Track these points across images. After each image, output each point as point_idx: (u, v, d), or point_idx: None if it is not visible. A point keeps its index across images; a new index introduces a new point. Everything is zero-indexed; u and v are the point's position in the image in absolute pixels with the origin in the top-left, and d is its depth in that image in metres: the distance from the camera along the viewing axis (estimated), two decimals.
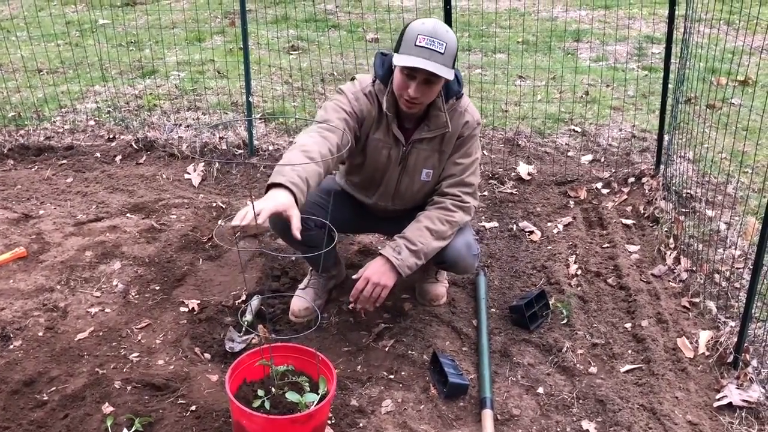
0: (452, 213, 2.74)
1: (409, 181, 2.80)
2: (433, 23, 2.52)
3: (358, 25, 6.98)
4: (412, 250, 2.65)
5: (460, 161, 2.76)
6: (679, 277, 3.29)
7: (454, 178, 2.77)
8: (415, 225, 2.71)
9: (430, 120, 2.69)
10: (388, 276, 2.65)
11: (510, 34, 6.67)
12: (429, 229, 2.69)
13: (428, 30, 2.49)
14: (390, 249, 2.67)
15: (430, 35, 2.47)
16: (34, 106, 5.12)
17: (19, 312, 3.00)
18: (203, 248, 3.53)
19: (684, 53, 3.71)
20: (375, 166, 2.78)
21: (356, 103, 2.67)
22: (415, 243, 2.66)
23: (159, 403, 2.52)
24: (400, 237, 2.69)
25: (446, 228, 2.72)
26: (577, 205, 3.98)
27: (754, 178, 3.96)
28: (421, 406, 2.57)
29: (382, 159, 2.75)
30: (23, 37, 6.27)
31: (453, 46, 2.52)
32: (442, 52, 2.48)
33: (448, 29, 2.53)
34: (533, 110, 4.99)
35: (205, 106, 5.16)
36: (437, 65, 2.47)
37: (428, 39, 2.47)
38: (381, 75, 2.67)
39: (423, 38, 2.47)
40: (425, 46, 2.46)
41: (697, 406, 2.57)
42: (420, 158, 2.75)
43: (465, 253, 2.82)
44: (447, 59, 2.51)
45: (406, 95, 2.55)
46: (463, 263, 2.85)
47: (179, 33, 6.56)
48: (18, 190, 4.14)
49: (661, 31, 5.90)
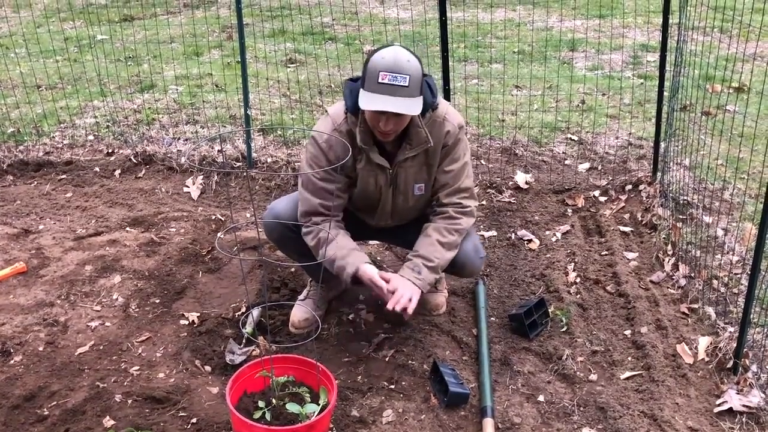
0: (457, 221, 2.77)
1: (403, 198, 2.83)
2: (393, 56, 2.45)
3: (354, 38, 7.02)
4: (430, 267, 2.70)
5: (450, 168, 2.77)
6: (677, 283, 3.30)
7: (449, 187, 2.78)
8: (426, 240, 2.74)
9: (411, 138, 2.67)
10: (413, 291, 2.68)
11: (506, 44, 6.71)
12: (440, 242, 2.73)
13: (389, 65, 2.43)
14: (409, 270, 2.70)
15: (392, 71, 2.42)
16: (33, 122, 5.14)
17: (20, 327, 3.00)
18: (203, 261, 3.54)
19: (679, 61, 3.73)
20: (367, 194, 2.81)
21: (331, 152, 2.65)
22: (431, 260, 2.71)
23: (160, 416, 2.52)
24: (416, 256, 2.72)
25: (455, 237, 2.76)
26: (575, 213, 4.00)
27: (751, 184, 3.97)
28: (422, 415, 2.57)
29: (372, 187, 2.78)
30: (22, 53, 6.30)
31: (417, 74, 2.47)
32: (406, 85, 2.43)
33: (409, 57, 2.47)
34: (530, 119, 5.01)
35: (204, 119, 5.19)
36: (403, 101, 2.44)
37: (390, 75, 2.42)
38: (351, 106, 2.62)
39: (385, 75, 2.42)
40: (388, 82, 2.42)
41: (698, 411, 2.58)
42: (409, 176, 2.77)
43: (473, 257, 2.86)
44: (413, 90, 2.46)
45: (379, 129, 2.57)
46: (470, 266, 2.90)
47: (177, 47, 6.60)
48: (17, 205, 4.15)
49: (655, 39, 5.95)
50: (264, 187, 4.34)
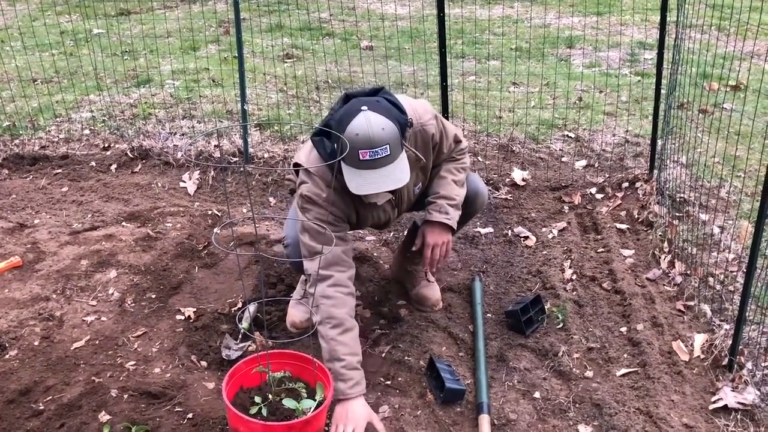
0: (462, 160, 2.90)
1: (407, 202, 2.87)
2: (365, 131, 2.34)
3: (352, 33, 7.00)
4: (453, 204, 2.80)
5: (444, 147, 2.81)
6: (673, 280, 3.30)
7: (448, 154, 2.86)
8: (442, 182, 2.83)
9: None
10: (445, 234, 2.80)
11: (503, 41, 6.71)
12: (455, 181, 2.84)
13: (364, 141, 2.33)
14: (437, 213, 2.78)
15: (370, 147, 2.34)
16: (28, 116, 5.12)
17: (15, 321, 2.99)
18: (199, 256, 3.53)
19: (676, 59, 3.74)
20: (377, 223, 2.87)
21: (333, 207, 2.59)
22: (452, 197, 2.81)
23: (156, 411, 2.52)
24: (438, 197, 2.80)
25: (464, 175, 2.90)
26: (572, 210, 4.00)
27: (747, 182, 3.98)
28: (418, 411, 2.57)
29: (382, 217, 2.81)
30: (18, 47, 6.27)
31: (394, 136, 2.38)
32: (388, 153, 2.36)
33: (381, 124, 2.36)
34: (527, 116, 5.01)
35: (200, 114, 5.17)
36: (390, 169, 2.39)
37: (370, 152, 2.34)
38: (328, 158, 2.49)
39: (365, 152, 2.34)
40: (370, 158, 2.35)
41: (693, 408, 2.58)
42: (410, 187, 2.80)
43: (481, 186, 3.02)
44: (395, 153, 2.39)
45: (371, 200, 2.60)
46: (482, 196, 3.02)
47: (174, 42, 6.58)
48: (13, 199, 4.14)
49: (653, 37, 5.93)
50: (261, 183, 4.34)
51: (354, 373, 2.45)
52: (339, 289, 2.54)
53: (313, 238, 2.57)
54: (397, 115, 2.48)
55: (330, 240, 2.51)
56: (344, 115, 2.42)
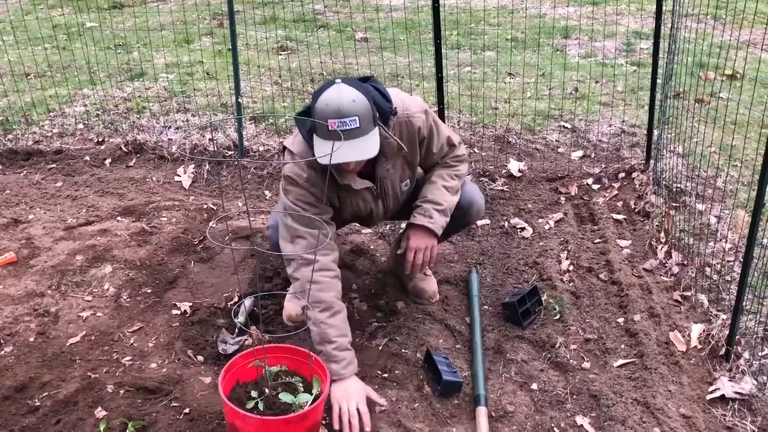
0: (457, 167, 2.86)
1: (393, 197, 2.84)
2: (336, 100, 2.37)
3: (347, 25, 6.97)
4: (439, 210, 2.77)
5: (434, 146, 2.78)
6: (670, 271, 3.30)
7: (441, 154, 2.82)
8: (432, 186, 2.80)
9: (384, 150, 2.62)
10: (428, 239, 2.78)
11: (499, 32, 6.68)
12: (445, 187, 2.80)
13: (334, 111, 2.36)
14: (420, 216, 2.76)
15: (339, 117, 2.36)
16: (22, 111, 5.09)
17: (10, 317, 2.98)
18: (194, 250, 3.52)
19: (672, 48, 3.72)
20: (359, 213, 2.83)
21: (314, 188, 2.59)
22: (440, 203, 2.77)
23: (152, 407, 2.52)
24: (425, 201, 2.78)
25: (457, 182, 2.85)
26: (568, 201, 3.99)
27: (743, 172, 3.98)
28: (416, 404, 2.57)
29: (362, 206, 2.78)
30: (10, 41, 6.22)
31: (365, 110, 2.40)
32: (357, 126, 2.38)
33: (352, 96, 2.38)
34: (523, 107, 5.00)
35: (195, 107, 5.14)
36: (357, 142, 2.39)
37: (339, 122, 2.36)
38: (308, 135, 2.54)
39: (333, 122, 2.36)
40: (338, 129, 2.36)
41: (690, 399, 2.59)
42: (394, 180, 2.77)
43: (477, 196, 2.97)
44: (365, 127, 2.41)
45: (343, 168, 2.55)
46: (477, 205, 2.97)
47: (167, 35, 6.53)
48: (7, 195, 4.11)
49: (648, 26, 5.93)
50: (256, 176, 4.32)
51: (346, 353, 2.50)
52: (325, 273, 2.57)
53: (295, 220, 2.59)
54: (377, 97, 2.51)
55: (312, 222, 2.54)
56: (320, 89, 2.47)
